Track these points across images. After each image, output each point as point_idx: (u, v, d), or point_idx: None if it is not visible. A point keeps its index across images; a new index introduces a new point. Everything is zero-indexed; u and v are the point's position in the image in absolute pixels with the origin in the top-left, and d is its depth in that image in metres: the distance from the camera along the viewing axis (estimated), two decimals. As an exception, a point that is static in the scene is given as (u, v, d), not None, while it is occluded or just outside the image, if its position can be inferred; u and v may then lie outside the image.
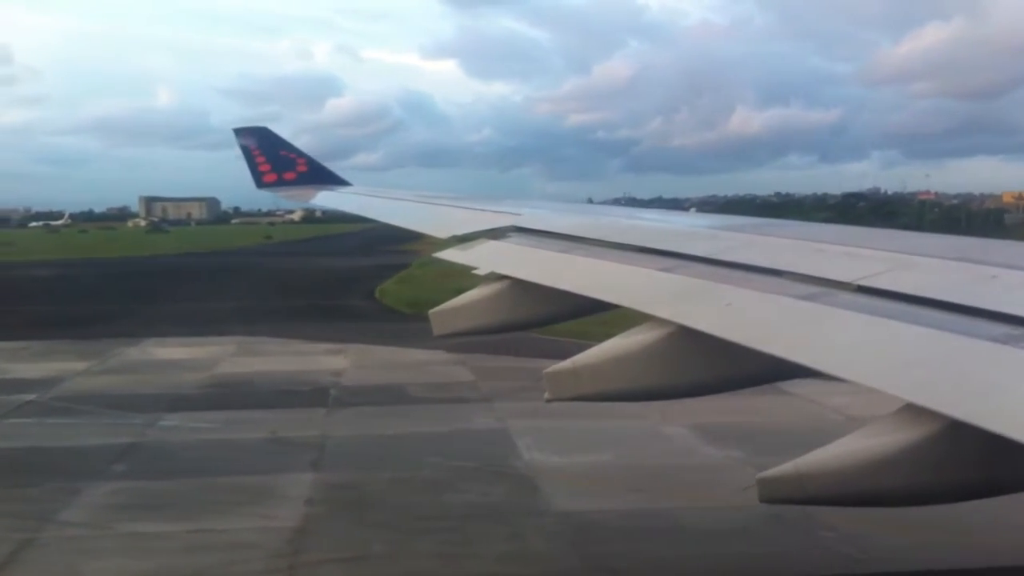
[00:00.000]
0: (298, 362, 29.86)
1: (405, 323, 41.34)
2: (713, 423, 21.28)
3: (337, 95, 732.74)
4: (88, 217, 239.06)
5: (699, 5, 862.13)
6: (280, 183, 20.59)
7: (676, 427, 20.97)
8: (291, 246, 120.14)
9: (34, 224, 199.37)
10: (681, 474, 17.57)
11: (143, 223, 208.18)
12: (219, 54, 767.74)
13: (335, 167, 21.52)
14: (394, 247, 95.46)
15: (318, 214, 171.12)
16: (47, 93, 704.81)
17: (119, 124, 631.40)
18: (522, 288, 8.04)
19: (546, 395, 6.40)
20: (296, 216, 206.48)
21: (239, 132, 21.09)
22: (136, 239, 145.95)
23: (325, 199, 20.05)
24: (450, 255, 10.17)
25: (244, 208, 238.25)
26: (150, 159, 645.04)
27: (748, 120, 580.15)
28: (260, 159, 20.61)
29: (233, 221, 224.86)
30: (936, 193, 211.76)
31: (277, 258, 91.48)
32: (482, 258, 9.37)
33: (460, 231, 10.67)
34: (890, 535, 14.25)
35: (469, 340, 33.65)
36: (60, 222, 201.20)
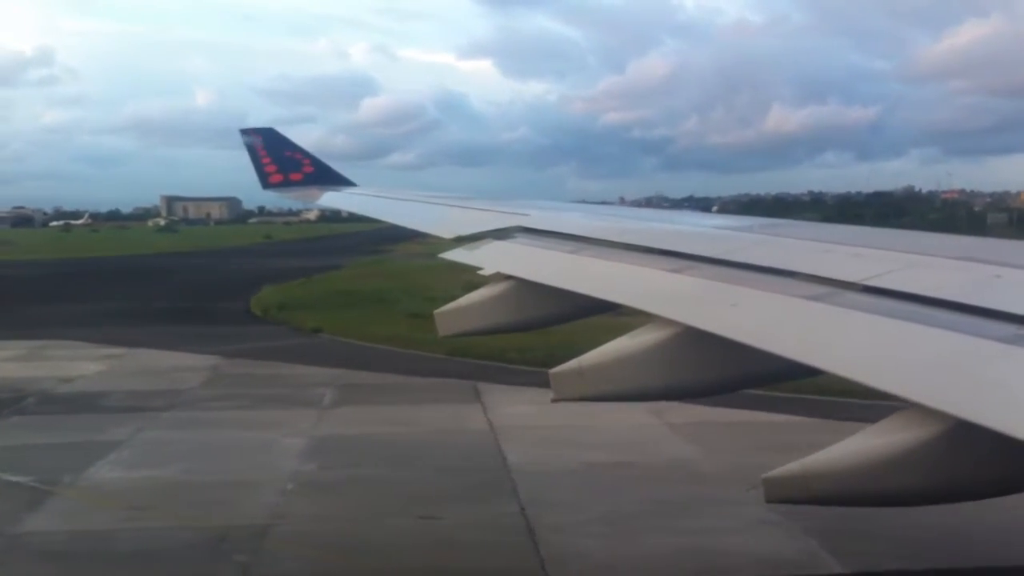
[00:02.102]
0: (52, 367, 29.43)
1: (238, 326, 40.96)
2: (356, 434, 20.82)
3: (373, 95, 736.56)
4: (114, 217, 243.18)
5: (735, 3, 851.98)
6: (286, 184, 20.41)
7: (302, 438, 20.28)
8: (279, 246, 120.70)
9: (54, 224, 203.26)
10: (215, 491, 16.67)
11: (162, 222, 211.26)
12: (256, 55, 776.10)
13: (370, 167, 21.24)
14: (383, 247, 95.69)
15: (344, 214, 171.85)
16: (86, 93, 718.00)
17: (157, 124, 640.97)
18: (527, 288, 7.97)
19: (552, 395, 6.30)
20: (312, 216, 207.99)
21: (245, 133, 20.93)
22: (140, 238, 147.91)
23: (330, 200, 19.93)
24: (455, 255, 9.98)
25: (270, 207, 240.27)
26: (187, 159, 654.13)
27: (784, 118, 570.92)
28: (266, 160, 20.42)
29: (250, 221, 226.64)
30: (962, 191, 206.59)
31: (240, 258, 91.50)
32: (487, 258, 9.17)
33: (465, 231, 10.43)
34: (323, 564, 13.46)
35: (262, 346, 33.63)
36: (79, 222, 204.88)
